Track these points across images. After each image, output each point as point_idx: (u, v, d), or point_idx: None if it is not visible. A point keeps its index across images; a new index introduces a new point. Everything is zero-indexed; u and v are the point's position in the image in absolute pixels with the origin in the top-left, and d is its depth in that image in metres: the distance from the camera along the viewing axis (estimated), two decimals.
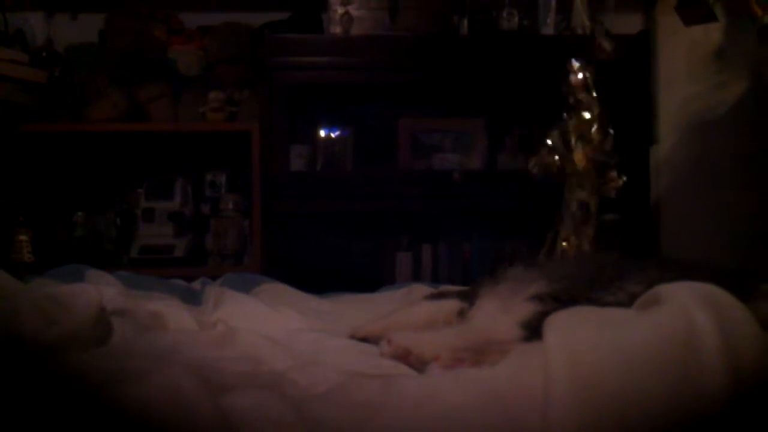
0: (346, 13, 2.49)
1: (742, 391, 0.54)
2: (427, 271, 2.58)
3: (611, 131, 1.54)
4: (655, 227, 2.23)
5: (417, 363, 0.83)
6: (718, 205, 1.95)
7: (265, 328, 1.05)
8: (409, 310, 1.15)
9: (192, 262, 2.54)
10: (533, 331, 0.77)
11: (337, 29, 2.51)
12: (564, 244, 1.59)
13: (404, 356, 0.85)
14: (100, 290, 0.95)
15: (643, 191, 2.40)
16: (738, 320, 0.61)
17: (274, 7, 2.68)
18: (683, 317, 0.61)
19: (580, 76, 1.54)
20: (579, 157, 1.54)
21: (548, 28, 2.55)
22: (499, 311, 0.92)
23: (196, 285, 1.55)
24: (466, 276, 2.49)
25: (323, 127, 2.66)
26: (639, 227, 2.36)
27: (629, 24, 2.60)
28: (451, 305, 1.06)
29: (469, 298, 1.05)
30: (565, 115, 1.58)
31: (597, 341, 0.61)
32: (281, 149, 2.48)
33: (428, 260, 2.60)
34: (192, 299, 1.33)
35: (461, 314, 1.03)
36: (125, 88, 2.58)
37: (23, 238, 2.50)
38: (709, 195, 1.95)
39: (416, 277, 2.51)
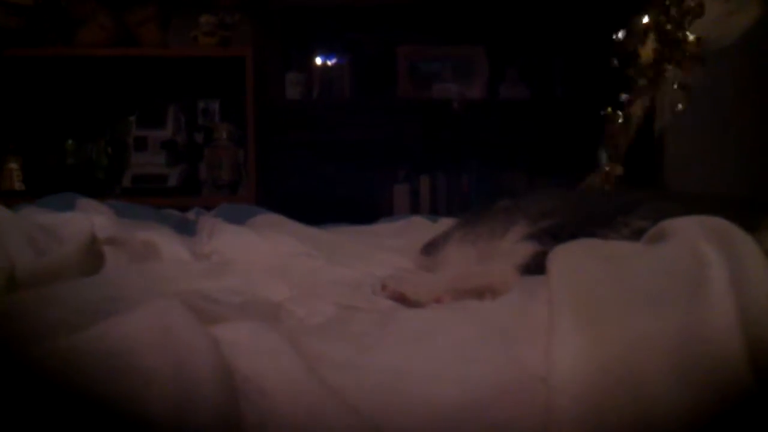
0: None
1: (749, 326, 0.53)
2: (425, 203, 2.56)
3: None
4: (659, 160, 2.21)
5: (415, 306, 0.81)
6: (722, 136, 1.92)
7: (261, 257, 1.03)
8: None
9: (186, 192, 2.52)
10: (534, 270, 0.75)
11: None
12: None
13: (401, 301, 0.83)
14: (91, 219, 0.94)
15: (647, 123, 2.36)
16: (746, 254, 0.59)
17: None
18: (690, 252, 0.60)
19: None
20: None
21: None
22: (500, 255, 0.89)
23: (190, 215, 1.53)
24: (465, 208, 2.48)
25: (319, 55, 2.59)
26: (642, 159, 2.33)
27: None
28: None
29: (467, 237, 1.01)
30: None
31: (602, 276, 0.60)
32: (276, 76, 2.43)
33: (426, 192, 2.58)
34: (186, 229, 1.31)
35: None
36: (113, 12, 2.49)
37: (13, 165, 2.46)
38: (713, 126, 1.93)
39: (414, 209, 2.50)
